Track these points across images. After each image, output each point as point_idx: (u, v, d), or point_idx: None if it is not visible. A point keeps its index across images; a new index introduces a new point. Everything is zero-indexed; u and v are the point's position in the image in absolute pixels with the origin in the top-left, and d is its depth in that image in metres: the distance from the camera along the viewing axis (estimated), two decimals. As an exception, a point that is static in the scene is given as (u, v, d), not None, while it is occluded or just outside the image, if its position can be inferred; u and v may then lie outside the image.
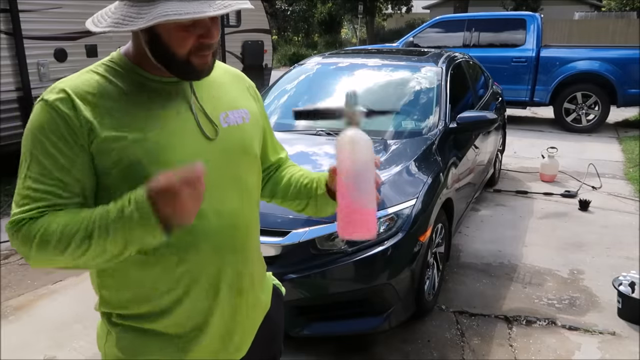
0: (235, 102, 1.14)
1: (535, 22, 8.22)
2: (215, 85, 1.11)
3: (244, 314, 1.14)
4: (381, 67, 4.00)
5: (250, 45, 8.73)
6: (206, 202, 0.98)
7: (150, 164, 0.96)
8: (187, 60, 0.97)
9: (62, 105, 0.94)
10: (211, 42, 0.97)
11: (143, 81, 1.02)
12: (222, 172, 1.06)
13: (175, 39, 0.95)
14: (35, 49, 4.96)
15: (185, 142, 1.01)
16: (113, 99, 0.98)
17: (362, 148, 1.01)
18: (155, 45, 0.96)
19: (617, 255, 3.66)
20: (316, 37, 29.49)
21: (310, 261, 2.35)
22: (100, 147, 0.95)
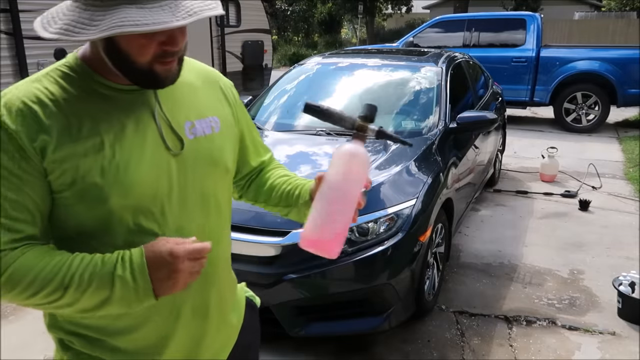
0: (204, 110, 1.05)
1: (535, 22, 8.22)
2: (182, 91, 1.02)
3: (211, 337, 1.08)
4: (381, 67, 4.00)
5: (250, 45, 8.73)
6: (170, 221, 0.95)
7: (109, 186, 0.88)
8: (150, 69, 0.88)
9: (9, 120, 0.84)
10: (175, 50, 0.88)
11: (101, 89, 0.92)
12: (188, 188, 0.98)
13: (135, 47, 0.85)
14: (35, 49, 4.97)
15: (146, 157, 0.92)
16: (66, 111, 0.88)
17: (359, 166, 0.97)
18: (114, 53, 0.87)
19: (617, 255, 3.66)
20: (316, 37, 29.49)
21: (310, 261, 2.35)
22: (53, 167, 0.86)
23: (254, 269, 2.38)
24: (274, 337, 2.64)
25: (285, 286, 2.33)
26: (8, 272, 0.84)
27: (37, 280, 0.84)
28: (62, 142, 0.86)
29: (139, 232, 0.92)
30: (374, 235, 2.41)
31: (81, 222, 0.90)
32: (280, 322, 2.41)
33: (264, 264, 2.38)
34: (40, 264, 0.85)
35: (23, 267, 0.84)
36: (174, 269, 0.86)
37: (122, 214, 0.90)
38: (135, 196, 0.90)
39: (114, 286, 0.85)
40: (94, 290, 0.85)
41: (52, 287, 0.84)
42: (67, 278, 0.84)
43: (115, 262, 0.86)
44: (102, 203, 0.88)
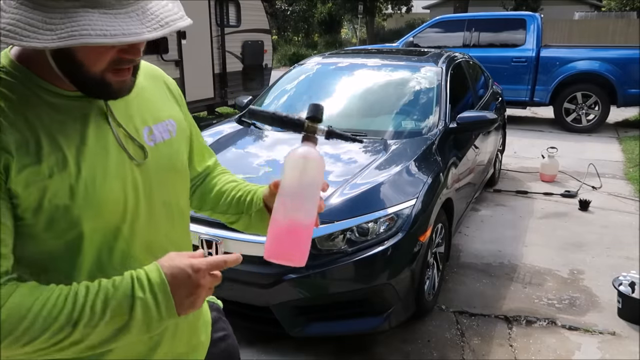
0: (159, 113, 0.97)
1: (535, 22, 8.23)
2: (133, 95, 0.90)
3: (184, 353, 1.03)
4: (381, 67, 4.00)
5: (250, 45, 8.73)
6: (139, 237, 0.88)
7: (79, 208, 0.78)
8: (102, 78, 0.78)
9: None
10: (135, 58, 0.80)
11: (47, 96, 0.79)
12: (153, 198, 0.91)
13: (91, 56, 0.76)
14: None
15: (111, 170, 0.83)
16: (17, 124, 0.75)
17: (314, 169, 0.92)
18: (64, 59, 0.76)
19: (617, 255, 3.66)
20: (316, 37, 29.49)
21: (310, 261, 2.33)
22: (17, 190, 0.74)
23: (254, 269, 2.38)
24: (274, 337, 2.65)
25: (285, 286, 2.33)
26: (3, 314, 0.71)
27: (38, 320, 0.72)
28: (24, 161, 0.74)
29: (108, 255, 0.84)
30: (374, 235, 2.41)
31: (49, 250, 0.80)
32: (280, 322, 2.41)
33: (264, 264, 2.37)
34: (38, 301, 0.73)
35: (18, 307, 0.72)
36: (195, 284, 0.79)
37: (93, 237, 0.81)
38: (106, 215, 0.82)
39: (133, 311, 0.76)
40: (109, 319, 0.75)
41: (58, 325, 0.73)
42: (75, 312, 0.74)
43: (132, 284, 0.77)
44: (73, 228, 0.79)
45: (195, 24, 7.85)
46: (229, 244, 2.42)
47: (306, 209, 0.93)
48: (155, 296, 0.78)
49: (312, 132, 0.95)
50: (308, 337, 2.60)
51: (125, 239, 0.86)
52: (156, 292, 0.78)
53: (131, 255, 0.87)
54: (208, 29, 7.77)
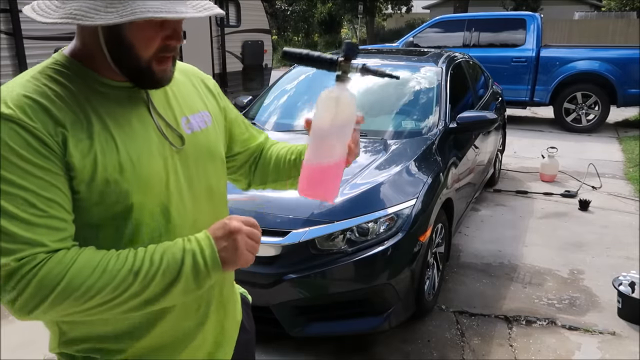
0: (195, 105, 1.05)
1: (535, 22, 8.23)
2: (172, 88, 1.02)
3: (227, 330, 1.11)
4: (381, 67, 4.00)
5: (250, 45, 8.73)
6: (182, 217, 0.95)
7: (129, 182, 0.87)
8: (149, 66, 0.88)
9: (24, 116, 0.79)
10: (177, 44, 0.89)
11: (96, 86, 0.89)
12: (194, 183, 0.99)
13: (141, 39, 0.84)
14: (35, 49, 4.96)
15: (153, 153, 0.92)
16: (72, 107, 0.84)
17: (344, 110, 0.94)
18: (116, 45, 0.85)
19: (617, 255, 3.66)
20: (316, 37, 29.48)
21: (310, 261, 2.35)
22: (74, 162, 0.82)
23: (254, 269, 2.37)
24: (274, 337, 2.64)
25: (285, 286, 2.33)
26: (71, 272, 0.79)
27: (105, 273, 0.80)
28: (80, 137, 0.83)
29: (159, 232, 0.92)
30: (374, 235, 2.41)
31: (98, 224, 0.87)
32: (280, 322, 2.41)
33: (264, 264, 2.38)
34: (102, 257, 0.82)
35: (85, 263, 0.80)
36: (231, 230, 0.88)
37: (141, 211, 0.89)
38: (152, 191, 0.90)
39: (183, 264, 0.85)
40: (164, 271, 0.84)
41: (122, 275, 0.81)
42: (136, 263, 0.83)
43: (183, 241, 0.88)
44: (122, 201, 0.86)
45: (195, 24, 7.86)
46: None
47: (336, 149, 0.96)
48: (200, 244, 0.87)
49: (345, 72, 0.95)
50: (308, 337, 2.60)
51: (172, 219, 0.94)
52: (200, 242, 0.87)
53: (176, 235, 0.93)
54: (208, 29, 7.77)
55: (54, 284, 0.78)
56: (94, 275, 0.80)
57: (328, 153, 0.96)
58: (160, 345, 0.99)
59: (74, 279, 0.78)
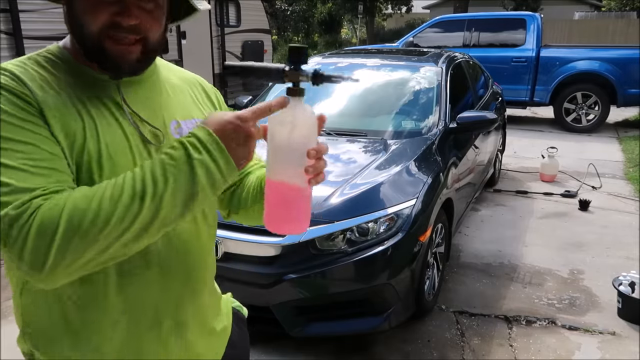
0: (190, 112, 1.01)
1: (535, 22, 8.23)
2: (167, 91, 0.99)
3: (192, 350, 1.01)
4: (381, 67, 4.00)
5: (250, 45, 8.73)
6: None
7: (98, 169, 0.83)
8: (99, 43, 0.84)
9: (11, 82, 0.80)
10: (127, 23, 0.82)
11: (79, 75, 0.88)
12: None
13: (87, 11, 0.82)
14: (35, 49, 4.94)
15: (124, 147, 0.87)
16: (53, 90, 0.84)
17: (300, 124, 0.81)
18: (72, 21, 0.86)
19: (617, 255, 3.66)
20: (316, 37, 29.49)
21: (310, 261, 2.35)
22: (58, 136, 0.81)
23: (254, 269, 2.38)
24: (274, 337, 2.65)
25: (285, 286, 2.33)
26: (66, 209, 0.72)
27: (104, 202, 0.73)
28: (59, 118, 0.81)
29: None
30: (374, 235, 2.41)
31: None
32: (280, 322, 2.41)
33: (264, 264, 2.38)
34: (97, 189, 0.75)
35: (81, 197, 0.74)
36: (245, 134, 0.80)
37: None
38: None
39: (195, 174, 0.77)
40: (173, 187, 0.76)
41: (125, 202, 0.74)
42: (137, 185, 0.75)
43: (185, 148, 0.78)
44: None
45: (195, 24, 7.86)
46: (228, 244, 2.42)
47: (294, 170, 0.83)
48: (211, 153, 0.78)
49: (295, 82, 0.81)
50: (308, 337, 2.60)
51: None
52: (210, 149, 0.78)
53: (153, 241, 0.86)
54: (208, 29, 7.77)
55: (54, 225, 0.71)
56: (92, 207, 0.73)
57: (284, 176, 0.83)
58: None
59: (73, 216, 0.72)
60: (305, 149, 0.81)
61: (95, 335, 0.89)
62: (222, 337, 1.12)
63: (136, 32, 0.84)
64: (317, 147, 0.83)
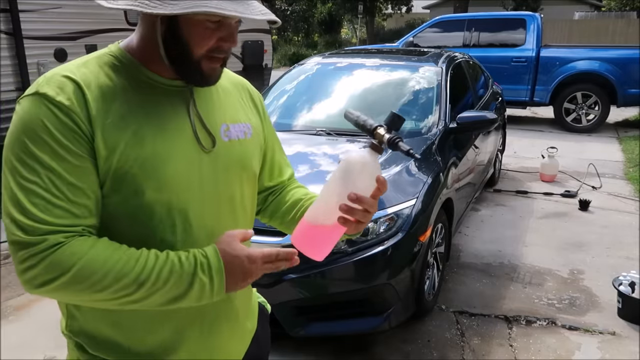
0: (238, 115, 1.05)
1: (535, 22, 8.23)
2: (218, 95, 1.03)
3: (225, 341, 1.06)
4: (381, 67, 4.00)
5: (250, 45, 8.73)
6: (199, 222, 0.94)
7: (145, 178, 0.88)
8: (199, 64, 0.89)
9: (62, 97, 0.83)
10: (230, 47, 0.91)
11: (143, 80, 0.92)
12: (218, 189, 0.97)
13: (197, 35, 0.87)
14: (35, 49, 4.96)
15: (179, 152, 0.92)
16: (110, 97, 0.87)
17: (366, 180, 0.92)
18: (172, 39, 0.87)
19: (617, 255, 3.66)
20: (316, 37, 29.48)
21: (310, 261, 2.33)
22: (99, 152, 0.85)
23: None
24: (274, 337, 2.64)
25: (285, 286, 2.33)
26: (82, 261, 0.80)
27: (110, 273, 0.81)
28: (108, 128, 0.85)
29: (172, 232, 0.92)
30: (374, 235, 2.41)
31: (112, 213, 0.89)
32: (280, 322, 2.41)
33: (264, 264, 2.37)
34: (114, 256, 0.83)
35: (97, 258, 0.82)
36: (249, 273, 0.89)
37: (154, 208, 0.89)
38: (169, 190, 0.90)
39: (192, 287, 0.86)
40: (169, 288, 0.85)
41: (126, 282, 0.82)
42: (143, 274, 0.83)
43: (195, 264, 0.86)
44: (137, 195, 0.87)
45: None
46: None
47: (336, 214, 0.92)
48: (212, 279, 0.87)
49: (381, 142, 0.93)
50: (308, 337, 2.60)
51: (189, 221, 0.93)
52: (214, 276, 0.87)
53: (193, 239, 0.93)
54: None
55: (66, 270, 0.80)
56: (99, 272, 0.81)
57: (327, 215, 0.93)
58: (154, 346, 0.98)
59: (83, 271, 0.80)
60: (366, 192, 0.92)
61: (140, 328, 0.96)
62: (250, 333, 1.17)
63: (228, 52, 0.92)
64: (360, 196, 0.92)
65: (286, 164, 1.24)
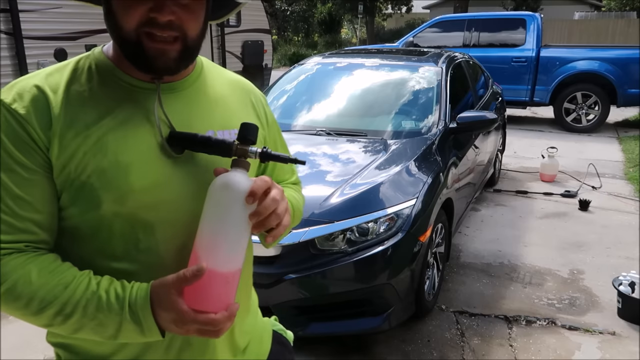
0: (230, 121, 0.96)
1: (535, 22, 8.23)
2: (207, 99, 0.95)
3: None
4: (381, 67, 4.00)
5: (250, 45, 8.73)
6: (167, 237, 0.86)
7: (104, 190, 0.81)
8: (138, 41, 0.81)
9: (19, 106, 0.79)
10: (162, 19, 0.80)
11: (116, 83, 0.86)
12: (193, 202, 0.86)
13: (121, 6, 0.80)
14: (35, 49, 4.96)
15: (143, 161, 0.84)
16: (76, 103, 0.83)
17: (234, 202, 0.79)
18: (108, 18, 0.83)
19: (617, 255, 3.66)
20: (316, 37, 29.48)
21: (310, 261, 2.35)
22: (57, 162, 0.80)
23: (254, 268, 2.37)
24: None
25: (285, 286, 2.33)
26: (8, 283, 0.78)
27: (35, 299, 0.78)
28: (68, 136, 0.80)
29: (135, 247, 0.85)
30: (374, 235, 2.41)
31: (75, 225, 0.84)
32: (280, 322, 2.41)
33: (264, 264, 2.38)
34: (41, 280, 0.78)
35: (24, 280, 0.78)
36: (181, 322, 0.79)
37: (115, 222, 0.83)
38: (130, 204, 0.83)
39: (120, 329, 0.80)
40: (97, 325, 0.79)
41: (51, 312, 0.78)
42: (68, 306, 0.78)
43: (122, 305, 0.79)
44: (95, 208, 0.81)
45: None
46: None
47: (229, 252, 0.80)
48: (141, 325, 0.80)
49: (243, 156, 0.84)
50: (308, 337, 2.60)
51: (154, 238, 0.86)
52: (142, 321, 0.79)
53: (159, 258, 0.86)
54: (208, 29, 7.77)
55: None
56: (24, 298, 0.78)
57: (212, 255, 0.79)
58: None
59: (7, 295, 0.78)
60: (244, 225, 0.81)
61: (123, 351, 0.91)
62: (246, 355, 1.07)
63: (173, 28, 0.81)
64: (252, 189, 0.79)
65: (290, 169, 1.16)
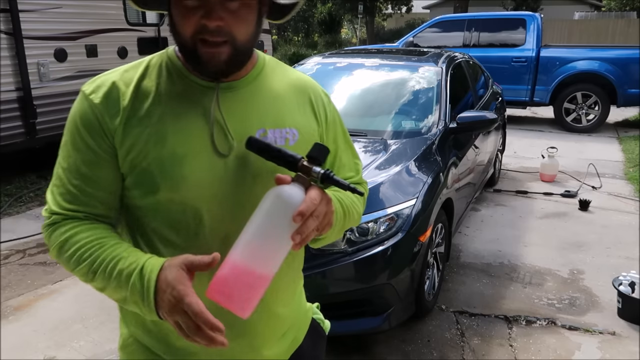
0: (282, 120, 0.98)
1: (535, 22, 8.23)
2: (262, 97, 0.98)
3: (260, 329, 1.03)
4: (381, 67, 4.00)
5: (250, 45, 8.73)
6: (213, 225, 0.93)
7: (161, 177, 0.90)
8: (194, 48, 0.88)
9: (94, 96, 0.91)
10: (211, 25, 0.85)
11: (182, 81, 0.94)
12: (239, 194, 0.94)
13: (179, 15, 0.87)
14: (35, 49, 4.96)
15: (195, 154, 0.91)
16: (146, 96, 0.92)
17: (287, 214, 0.82)
18: (171, 26, 0.91)
19: (617, 255, 3.66)
20: (316, 37, 29.47)
21: (310, 261, 2.34)
22: (122, 149, 0.91)
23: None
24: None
25: (285, 286, 2.32)
26: (59, 242, 0.91)
27: (74, 256, 0.90)
28: (132, 124, 0.90)
29: (187, 230, 0.93)
30: (374, 235, 2.41)
31: (137, 205, 0.94)
32: (280, 322, 2.41)
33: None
34: (82, 241, 0.90)
35: (71, 240, 0.90)
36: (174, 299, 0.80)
37: (170, 206, 0.92)
38: (182, 191, 0.91)
39: (129, 291, 0.86)
40: (115, 287, 0.87)
41: (83, 268, 0.89)
42: (95, 264, 0.88)
43: (133, 270, 0.85)
44: (153, 193, 0.91)
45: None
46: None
47: (266, 256, 0.83)
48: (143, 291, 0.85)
49: (306, 173, 0.86)
50: (308, 337, 2.60)
51: (202, 223, 0.93)
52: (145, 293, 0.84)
53: (205, 241, 0.93)
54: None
55: (50, 245, 0.94)
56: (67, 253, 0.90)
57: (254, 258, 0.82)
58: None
59: (59, 251, 0.92)
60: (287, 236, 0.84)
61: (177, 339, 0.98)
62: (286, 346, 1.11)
63: (222, 33, 0.86)
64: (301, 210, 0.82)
65: (355, 169, 1.16)
